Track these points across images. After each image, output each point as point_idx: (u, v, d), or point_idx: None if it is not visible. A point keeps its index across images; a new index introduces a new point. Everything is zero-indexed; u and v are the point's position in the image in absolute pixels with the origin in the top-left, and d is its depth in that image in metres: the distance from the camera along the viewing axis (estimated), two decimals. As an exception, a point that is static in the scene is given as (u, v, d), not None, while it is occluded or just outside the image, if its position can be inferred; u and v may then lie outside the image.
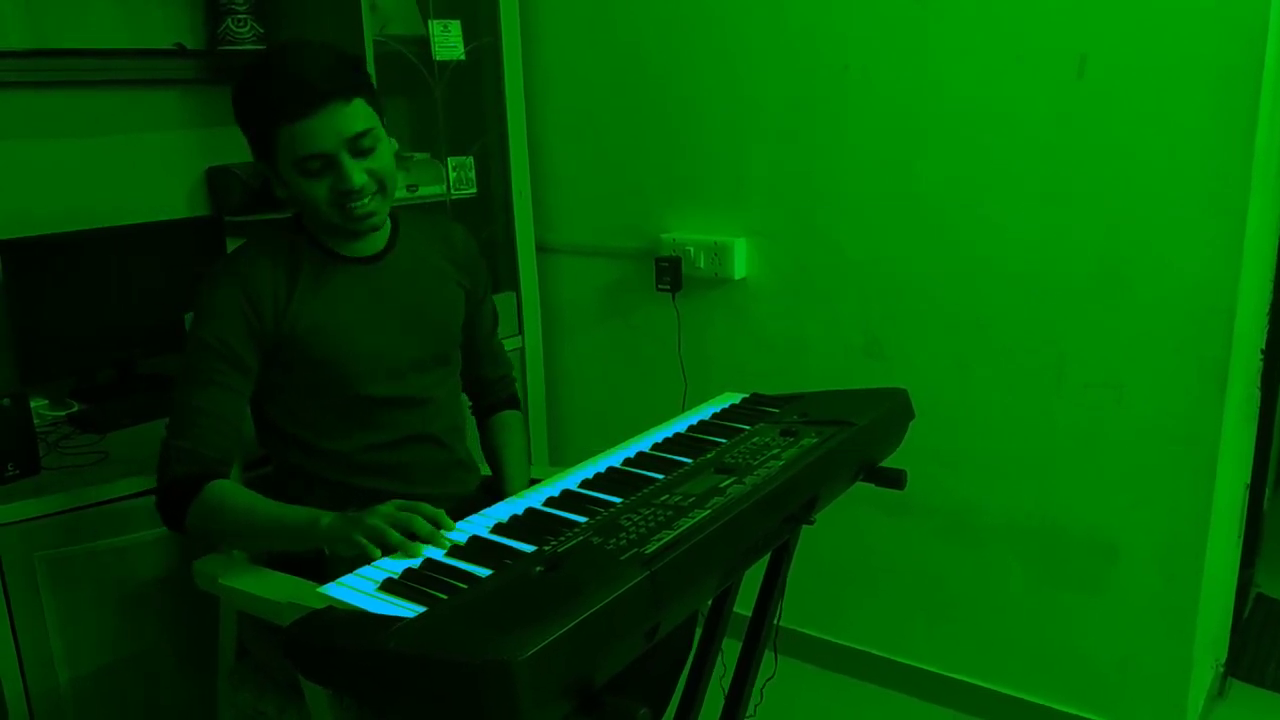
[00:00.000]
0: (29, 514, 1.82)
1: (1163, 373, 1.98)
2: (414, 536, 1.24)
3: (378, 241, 1.64)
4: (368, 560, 1.21)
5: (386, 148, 1.53)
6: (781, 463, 1.36)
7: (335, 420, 1.60)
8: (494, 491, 1.76)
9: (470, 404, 1.88)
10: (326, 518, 1.36)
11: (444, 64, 2.48)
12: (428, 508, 1.28)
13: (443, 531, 1.25)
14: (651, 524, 1.18)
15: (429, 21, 2.44)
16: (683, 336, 2.62)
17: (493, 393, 1.88)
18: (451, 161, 2.54)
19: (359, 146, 1.48)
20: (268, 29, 2.41)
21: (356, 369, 1.58)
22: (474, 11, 2.56)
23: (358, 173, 1.48)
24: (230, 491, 1.48)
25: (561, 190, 2.78)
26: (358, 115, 1.47)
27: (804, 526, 1.46)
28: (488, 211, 2.70)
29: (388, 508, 1.29)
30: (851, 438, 1.48)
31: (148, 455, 2.00)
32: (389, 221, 1.66)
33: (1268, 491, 2.65)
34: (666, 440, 1.55)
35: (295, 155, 1.46)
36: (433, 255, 1.70)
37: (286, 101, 1.43)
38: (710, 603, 1.55)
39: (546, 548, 1.15)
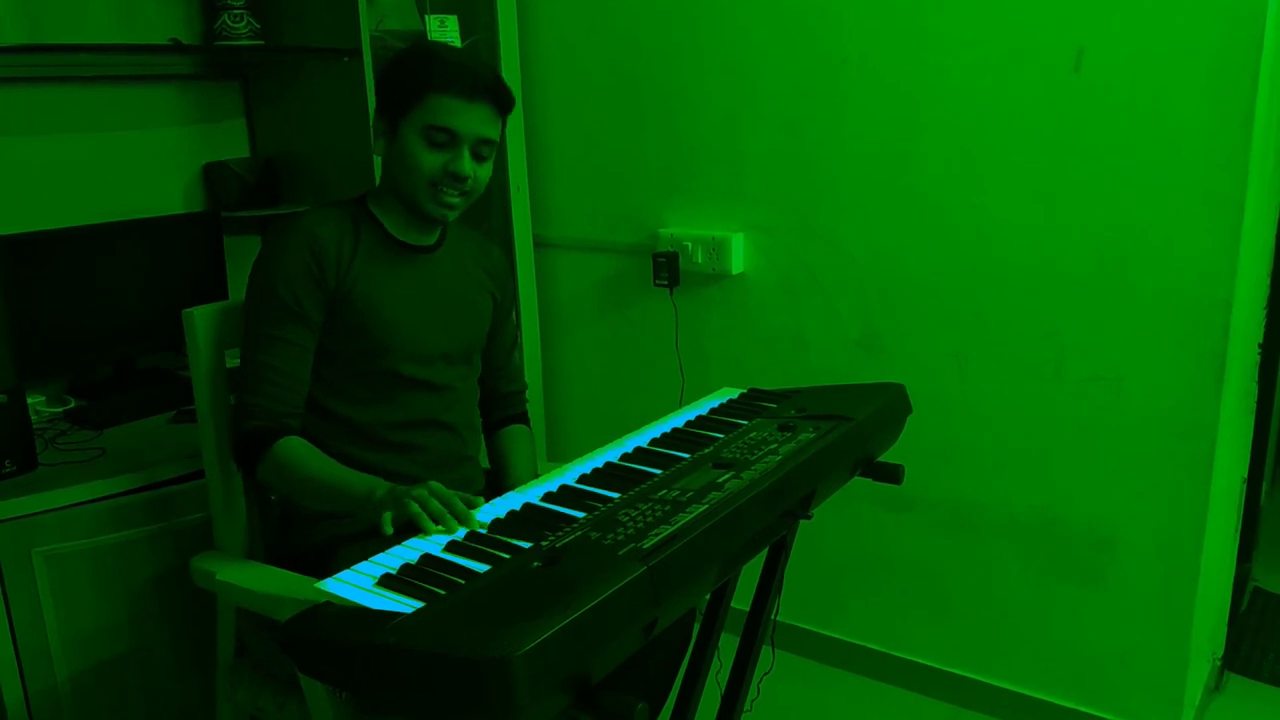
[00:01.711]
0: (26, 510, 1.82)
1: (1161, 366, 1.99)
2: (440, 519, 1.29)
3: (428, 238, 1.71)
4: (386, 544, 1.24)
5: (490, 169, 1.65)
6: (779, 458, 1.36)
7: (361, 391, 1.64)
8: (499, 492, 1.76)
9: (481, 419, 1.89)
10: (381, 490, 1.42)
11: (441, 59, 2.48)
12: (459, 505, 1.31)
13: (454, 522, 1.28)
14: (649, 519, 1.18)
15: (426, 16, 2.44)
16: (680, 332, 2.62)
17: (506, 407, 1.90)
18: (449, 157, 2.54)
19: (480, 151, 1.61)
20: (264, 24, 2.40)
21: (392, 346, 1.63)
22: (471, 5, 2.55)
23: (470, 165, 1.59)
24: (299, 451, 1.55)
25: (559, 185, 2.78)
26: (496, 128, 1.61)
27: (802, 521, 1.46)
28: (485, 206, 2.69)
29: (421, 489, 1.34)
30: (849, 433, 1.48)
31: (145, 451, 2.00)
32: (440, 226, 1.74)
33: (1265, 485, 2.66)
34: (664, 435, 1.55)
35: (430, 121, 1.56)
36: (471, 263, 1.78)
37: (458, 79, 1.55)
38: (708, 597, 1.55)
39: (544, 543, 1.16)
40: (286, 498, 1.68)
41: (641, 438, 1.54)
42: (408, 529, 1.29)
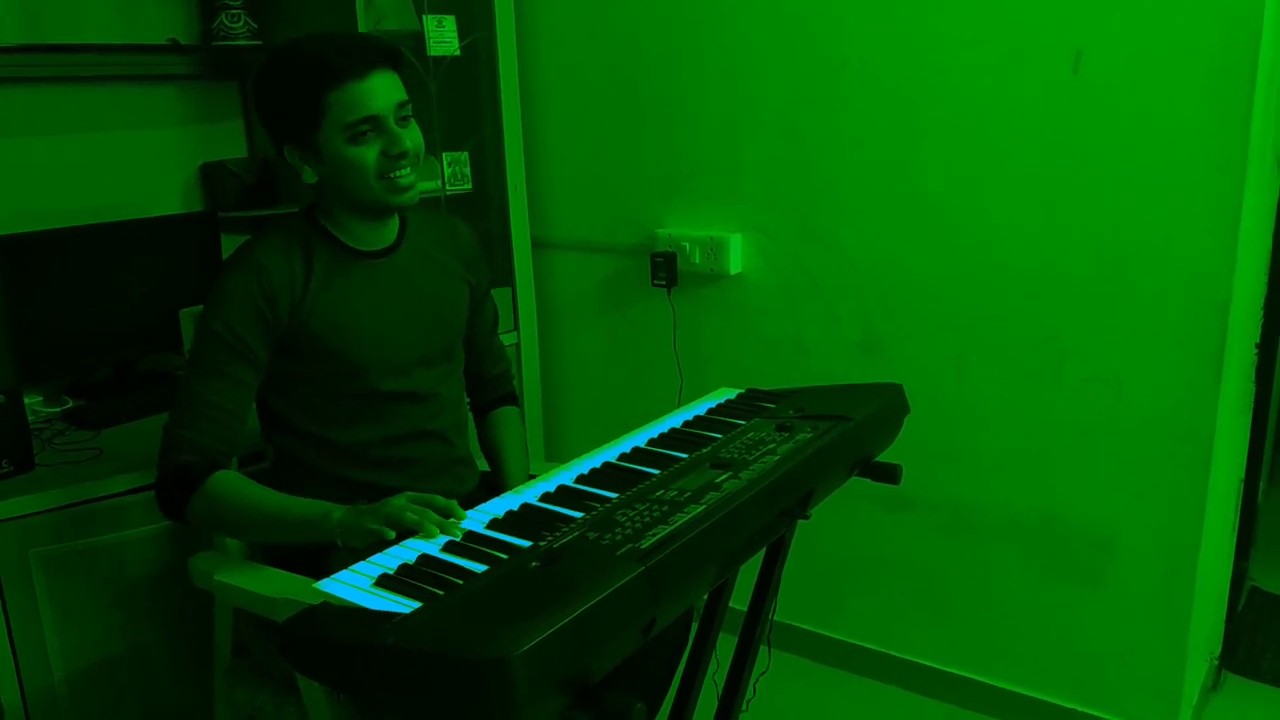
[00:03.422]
0: (23, 510, 1.82)
1: (1160, 366, 1.99)
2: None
3: (387, 236, 1.64)
4: (380, 547, 1.23)
5: (417, 125, 1.56)
6: (777, 458, 1.36)
7: (343, 413, 1.61)
8: (493, 487, 1.76)
9: (469, 401, 1.88)
10: (339, 511, 1.39)
11: (439, 59, 2.48)
12: (440, 500, 1.31)
13: (453, 521, 1.27)
14: (647, 519, 1.18)
15: (423, 16, 2.44)
16: (678, 332, 2.62)
17: (492, 389, 1.88)
18: (447, 157, 2.54)
19: (401, 114, 1.53)
20: (261, 24, 2.40)
21: (367, 364, 1.59)
22: (469, 6, 2.55)
23: (404, 137, 1.51)
24: (236, 483, 1.49)
25: (557, 185, 2.78)
26: (401, 86, 1.53)
27: (800, 521, 1.46)
28: (483, 207, 2.69)
29: (400, 499, 1.32)
30: (847, 433, 1.48)
31: (143, 452, 2.00)
32: (397, 217, 1.67)
33: (1262, 485, 2.66)
34: (662, 436, 1.55)
35: (346, 119, 1.47)
36: (439, 251, 1.72)
37: (342, 64, 1.46)
38: (706, 597, 1.55)
39: (542, 543, 1.16)
40: (214, 527, 1.58)
41: (639, 438, 1.54)
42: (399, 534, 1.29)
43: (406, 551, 1.20)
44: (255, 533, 1.52)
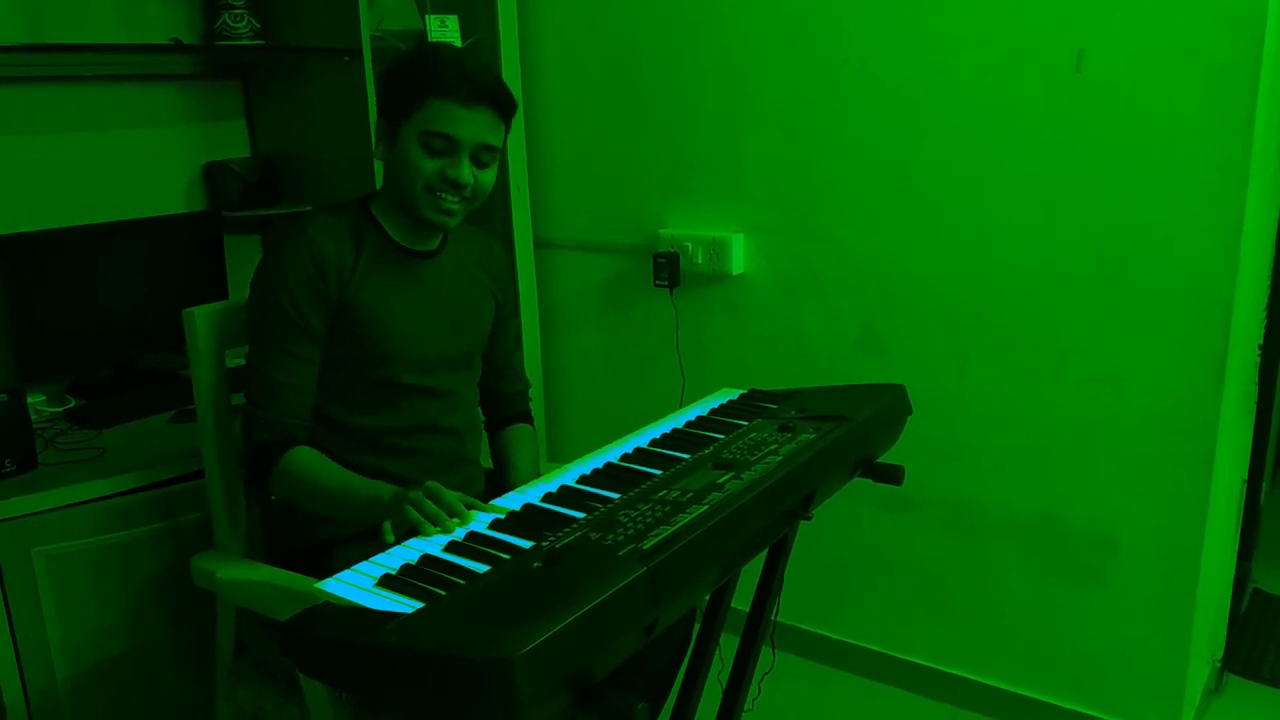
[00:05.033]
0: (26, 510, 1.82)
1: (1162, 366, 1.99)
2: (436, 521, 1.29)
3: (432, 240, 1.70)
4: (383, 546, 1.24)
5: (494, 174, 1.63)
6: (779, 458, 1.36)
7: (363, 398, 1.64)
8: (500, 490, 1.77)
9: (484, 418, 1.89)
10: (388, 495, 1.42)
11: (441, 59, 2.47)
12: (456, 504, 1.32)
13: (456, 521, 1.28)
14: (649, 519, 1.18)
15: (426, 16, 2.43)
16: (681, 332, 2.62)
17: (508, 406, 1.90)
18: (449, 157, 2.53)
19: (480, 156, 1.59)
20: (264, 24, 2.40)
21: (394, 353, 1.63)
22: (471, 6, 2.55)
23: (469, 171, 1.57)
24: (307, 462, 1.55)
25: (559, 185, 2.78)
26: (497, 133, 1.60)
27: (802, 522, 1.46)
28: (485, 206, 2.68)
29: (418, 492, 1.34)
30: (849, 433, 1.48)
31: (144, 451, 2.00)
32: None
33: (1265, 486, 2.66)
34: (664, 436, 1.55)
35: (428, 126, 1.54)
36: (472, 263, 1.78)
37: (458, 83, 1.54)
38: (708, 598, 1.56)
39: (544, 543, 1.16)
40: (294, 501, 1.66)
41: (642, 438, 1.54)
42: (412, 529, 1.29)
43: (409, 551, 1.20)
44: (326, 508, 1.57)
